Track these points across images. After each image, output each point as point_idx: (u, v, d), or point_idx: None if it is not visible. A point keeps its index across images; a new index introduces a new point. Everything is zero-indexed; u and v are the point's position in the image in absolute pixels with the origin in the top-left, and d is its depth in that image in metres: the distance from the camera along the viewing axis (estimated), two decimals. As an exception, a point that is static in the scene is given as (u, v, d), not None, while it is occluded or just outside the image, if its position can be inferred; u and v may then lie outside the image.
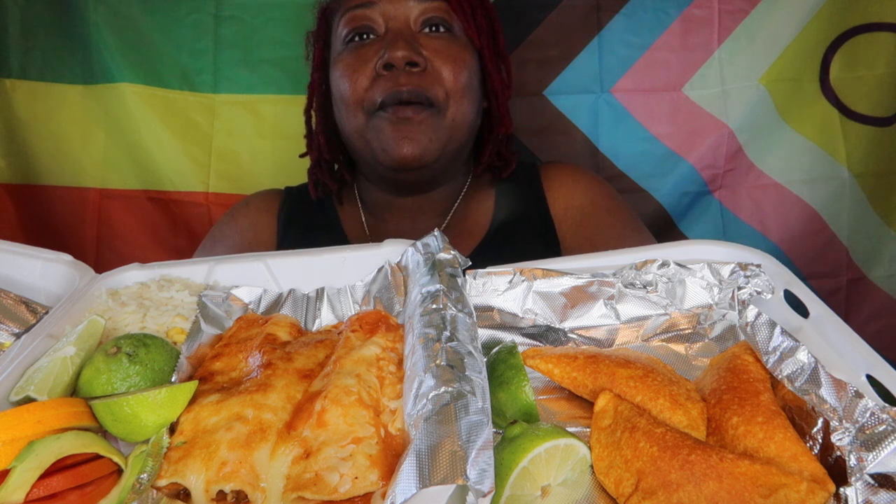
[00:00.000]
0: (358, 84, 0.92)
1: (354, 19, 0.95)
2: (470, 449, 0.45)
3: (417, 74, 0.91)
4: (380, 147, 0.93)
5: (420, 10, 0.93)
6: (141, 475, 0.53)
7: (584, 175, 1.12)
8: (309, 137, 1.10)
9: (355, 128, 0.95)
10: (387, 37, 0.93)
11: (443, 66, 0.92)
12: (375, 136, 0.93)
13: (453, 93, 0.93)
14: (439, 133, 0.93)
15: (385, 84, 0.90)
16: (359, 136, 0.95)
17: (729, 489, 0.50)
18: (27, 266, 0.80)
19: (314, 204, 1.13)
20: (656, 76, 1.44)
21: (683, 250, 0.77)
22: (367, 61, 0.93)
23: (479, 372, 0.56)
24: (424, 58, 0.92)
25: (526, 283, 0.74)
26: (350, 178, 1.12)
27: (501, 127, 1.06)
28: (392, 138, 0.91)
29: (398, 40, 0.90)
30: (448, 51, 0.94)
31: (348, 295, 0.79)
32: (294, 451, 0.55)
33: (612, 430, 0.58)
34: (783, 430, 0.54)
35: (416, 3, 0.93)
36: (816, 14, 1.39)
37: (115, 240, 1.49)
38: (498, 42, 1.04)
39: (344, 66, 0.95)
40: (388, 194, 1.06)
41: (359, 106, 0.93)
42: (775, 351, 0.60)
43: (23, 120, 1.43)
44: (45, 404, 0.57)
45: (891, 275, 1.50)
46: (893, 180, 1.46)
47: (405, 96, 0.90)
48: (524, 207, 1.07)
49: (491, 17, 1.03)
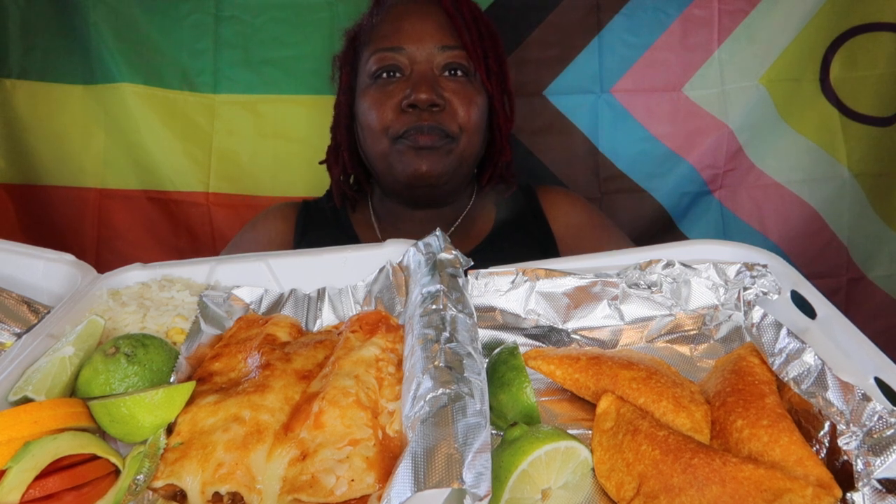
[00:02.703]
0: (384, 116, 1.05)
1: (384, 60, 1.07)
2: (466, 452, 0.45)
3: (437, 113, 1.04)
4: (401, 167, 1.06)
5: (442, 57, 1.06)
6: (137, 476, 0.53)
7: (580, 199, 1.26)
8: (334, 152, 1.21)
9: (380, 151, 1.08)
10: (412, 77, 1.05)
11: (459, 106, 1.06)
12: (398, 159, 1.06)
13: (466, 128, 1.07)
14: (451, 159, 1.07)
15: (409, 119, 1.04)
16: (382, 157, 1.08)
17: (732, 494, 0.49)
18: (30, 266, 0.80)
19: (329, 214, 1.22)
20: (656, 76, 1.44)
21: (688, 250, 0.77)
22: (392, 97, 1.05)
23: (479, 373, 0.55)
24: (444, 99, 1.05)
25: (528, 283, 0.74)
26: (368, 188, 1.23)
27: (502, 156, 1.19)
28: (412, 160, 1.05)
29: (422, 84, 1.03)
30: (464, 93, 1.07)
31: (349, 295, 0.79)
32: (291, 452, 0.55)
33: (614, 432, 0.58)
34: (789, 433, 0.53)
35: (439, 52, 1.06)
36: (816, 14, 1.39)
37: (115, 240, 1.49)
38: (506, 81, 1.17)
39: (372, 100, 1.07)
40: (401, 206, 1.17)
41: (384, 134, 1.06)
42: (781, 353, 0.60)
43: (23, 120, 1.43)
44: (42, 404, 0.57)
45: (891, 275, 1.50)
46: (893, 180, 1.46)
47: (426, 130, 1.04)
48: (523, 219, 1.19)
49: (501, 60, 1.16)
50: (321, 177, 1.27)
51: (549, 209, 1.20)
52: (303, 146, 1.44)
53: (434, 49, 1.06)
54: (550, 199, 1.22)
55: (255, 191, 1.48)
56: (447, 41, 1.06)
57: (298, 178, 1.46)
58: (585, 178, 1.49)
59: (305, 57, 1.43)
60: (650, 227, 1.51)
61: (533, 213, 1.20)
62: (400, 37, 1.06)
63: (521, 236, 1.16)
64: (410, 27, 1.07)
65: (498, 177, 1.21)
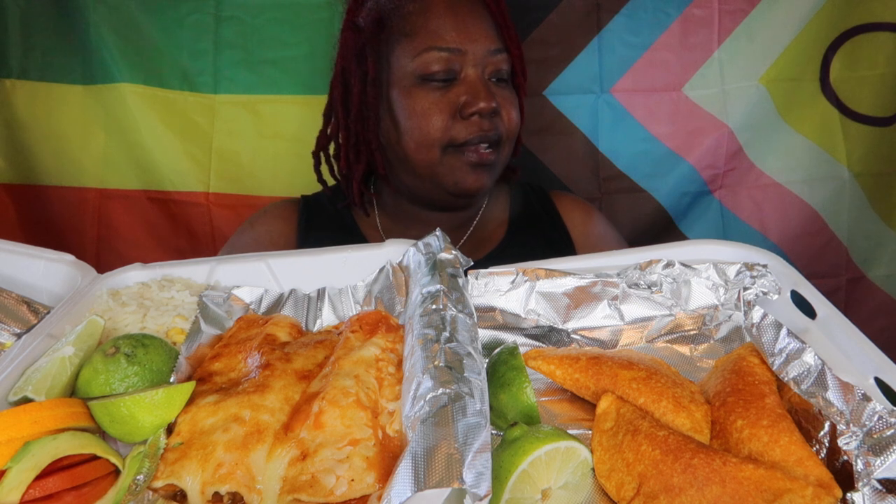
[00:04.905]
0: (437, 123, 0.99)
1: (440, 61, 0.99)
2: (466, 452, 0.45)
3: (496, 121, 1.01)
4: (452, 180, 1.01)
5: (493, 63, 1.01)
6: (137, 476, 0.53)
7: (595, 209, 1.26)
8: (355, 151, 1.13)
9: (426, 161, 1.01)
10: (465, 82, 0.99)
11: (507, 113, 1.03)
12: (449, 172, 1.01)
13: (510, 134, 1.04)
14: (495, 171, 1.05)
15: (470, 127, 0.99)
16: (427, 167, 1.02)
17: (732, 494, 0.49)
18: (30, 266, 0.80)
19: (331, 210, 1.18)
20: (656, 76, 1.44)
21: (688, 250, 0.77)
22: (448, 103, 0.99)
23: (479, 373, 0.55)
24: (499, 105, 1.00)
25: (529, 283, 0.74)
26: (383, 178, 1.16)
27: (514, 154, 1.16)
28: (468, 174, 1.01)
29: (482, 90, 0.99)
30: (510, 98, 1.04)
31: (349, 295, 0.79)
32: (291, 452, 0.54)
33: (614, 432, 0.58)
34: (789, 433, 0.53)
35: (491, 56, 1.01)
36: (816, 14, 1.39)
37: (114, 240, 1.49)
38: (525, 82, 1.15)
39: (424, 104, 0.99)
40: (415, 207, 1.12)
41: (435, 143, 0.99)
42: (781, 353, 0.59)
43: (23, 120, 1.43)
44: (42, 405, 0.57)
45: (890, 275, 1.50)
46: (893, 180, 1.46)
47: (492, 137, 1.00)
48: (539, 220, 1.18)
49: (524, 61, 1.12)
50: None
51: (566, 215, 1.19)
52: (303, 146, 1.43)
53: (487, 53, 1.00)
54: (568, 207, 1.20)
55: (255, 191, 1.48)
56: (496, 44, 1.01)
57: (298, 178, 1.46)
58: (585, 178, 1.49)
59: (305, 57, 1.42)
60: (650, 227, 1.51)
61: (549, 217, 1.19)
62: (460, 37, 0.98)
63: (538, 239, 1.15)
64: (466, 26, 0.99)
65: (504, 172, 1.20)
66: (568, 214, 1.19)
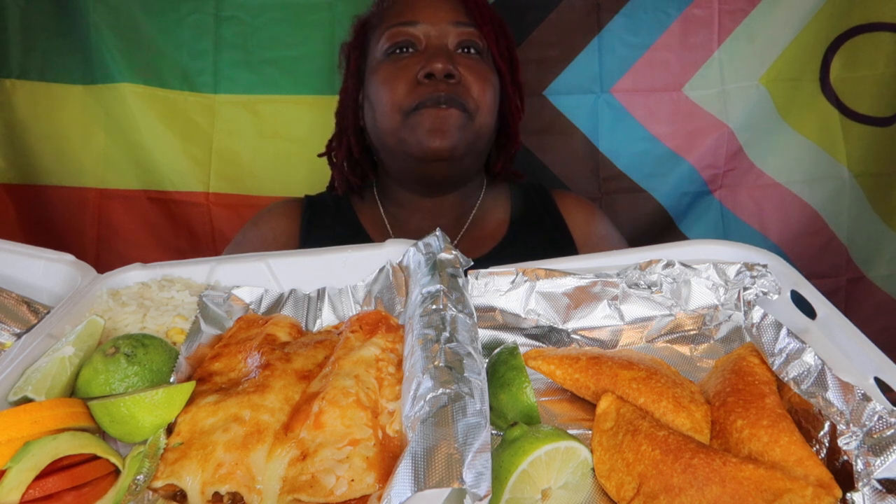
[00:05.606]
0: (398, 90, 1.02)
1: (397, 35, 1.05)
2: (466, 452, 0.45)
3: (453, 85, 1.02)
4: (415, 141, 1.02)
5: (456, 33, 1.06)
6: (137, 476, 0.53)
7: (597, 209, 1.26)
8: (338, 138, 1.19)
9: (391, 128, 1.04)
10: (426, 51, 1.04)
11: (473, 82, 1.04)
12: (411, 133, 1.02)
13: (481, 105, 1.05)
14: (467, 134, 1.04)
15: (424, 90, 1.01)
16: (393, 135, 1.05)
17: (732, 494, 0.49)
18: (30, 266, 0.80)
19: (334, 208, 1.20)
20: (656, 76, 1.44)
21: (688, 250, 0.77)
22: (407, 70, 1.03)
23: (479, 373, 0.55)
24: (459, 73, 1.03)
25: (529, 283, 0.74)
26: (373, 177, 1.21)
27: (513, 145, 1.19)
28: (427, 132, 1.01)
29: (439, 55, 1.02)
30: (478, 69, 1.05)
31: (349, 295, 0.79)
32: (291, 452, 0.54)
33: (614, 432, 0.58)
34: (789, 433, 0.53)
35: (453, 27, 1.05)
36: (816, 14, 1.39)
37: (115, 240, 1.49)
38: (516, 71, 1.16)
39: (385, 73, 1.05)
40: (410, 193, 1.14)
41: (397, 108, 1.03)
42: (781, 353, 0.59)
43: (23, 120, 1.43)
44: (42, 404, 0.57)
45: (890, 275, 1.50)
46: (893, 180, 1.46)
47: (443, 99, 1.01)
48: (540, 219, 1.18)
49: (511, 49, 1.15)
50: (322, 176, 1.26)
51: (568, 214, 1.20)
52: (303, 146, 1.44)
53: (448, 25, 1.05)
54: (570, 206, 1.21)
55: (256, 191, 1.48)
56: (461, 18, 1.06)
57: (299, 178, 1.46)
58: (585, 178, 1.49)
59: (305, 57, 1.43)
60: (650, 227, 1.51)
61: (550, 216, 1.19)
62: (414, 12, 1.05)
63: (540, 237, 1.15)
64: (424, 3, 1.06)
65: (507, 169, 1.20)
66: (570, 213, 1.20)
